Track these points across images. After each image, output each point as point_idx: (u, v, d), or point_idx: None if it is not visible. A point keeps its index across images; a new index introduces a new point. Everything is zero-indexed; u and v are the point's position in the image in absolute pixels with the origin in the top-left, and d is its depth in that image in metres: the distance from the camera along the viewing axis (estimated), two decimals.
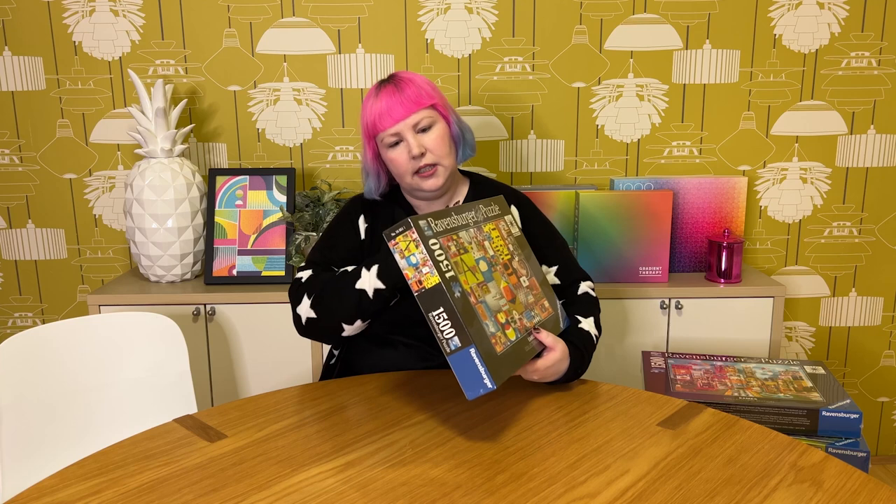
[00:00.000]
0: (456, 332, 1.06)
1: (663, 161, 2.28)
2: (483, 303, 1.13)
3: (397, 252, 1.10)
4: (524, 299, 1.24)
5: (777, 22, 2.20)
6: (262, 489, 0.98)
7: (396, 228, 1.10)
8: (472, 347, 1.05)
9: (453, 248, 1.14)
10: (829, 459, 1.05)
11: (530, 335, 1.21)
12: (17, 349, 1.45)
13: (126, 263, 2.32)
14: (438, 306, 1.07)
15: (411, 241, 1.09)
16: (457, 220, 1.20)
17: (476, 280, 1.14)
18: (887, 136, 2.27)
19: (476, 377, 1.05)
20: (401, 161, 1.40)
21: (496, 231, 1.30)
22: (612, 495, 0.96)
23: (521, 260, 1.32)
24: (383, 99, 1.39)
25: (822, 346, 2.40)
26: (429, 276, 1.08)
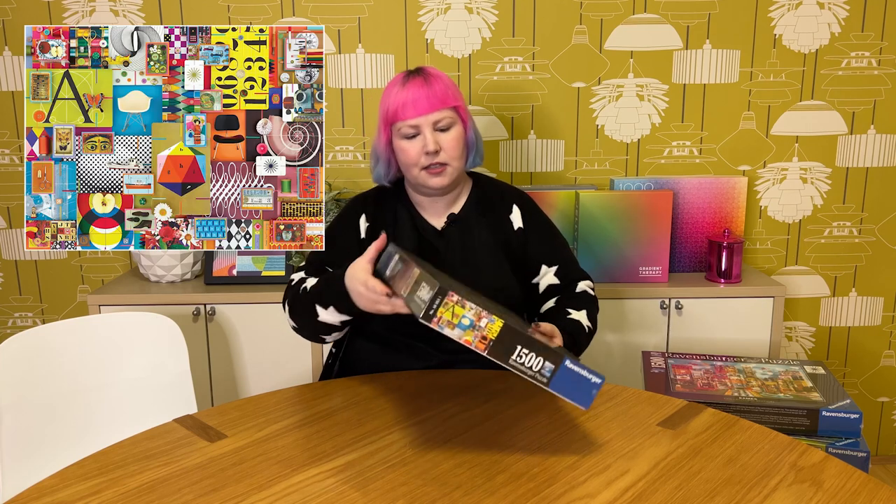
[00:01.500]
0: (544, 359, 1.00)
1: (663, 161, 2.28)
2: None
3: (445, 327, 0.98)
4: None
5: (777, 22, 2.20)
6: (262, 489, 0.98)
7: (431, 304, 0.97)
8: (567, 360, 1.00)
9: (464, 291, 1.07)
10: (829, 459, 1.05)
11: None
12: (17, 349, 1.45)
13: (126, 263, 2.32)
14: (515, 346, 0.99)
15: (455, 305, 0.98)
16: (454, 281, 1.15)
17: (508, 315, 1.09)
18: (887, 136, 2.27)
19: (583, 382, 1.00)
20: (412, 153, 1.40)
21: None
22: (612, 495, 0.96)
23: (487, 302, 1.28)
24: (411, 90, 1.39)
25: (822, 346, 2.40)
26: (490, 326, 0.98)
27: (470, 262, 1.45)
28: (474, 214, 1.50)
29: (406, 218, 1.49)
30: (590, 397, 1.01)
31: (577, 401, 1.01)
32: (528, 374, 1.00)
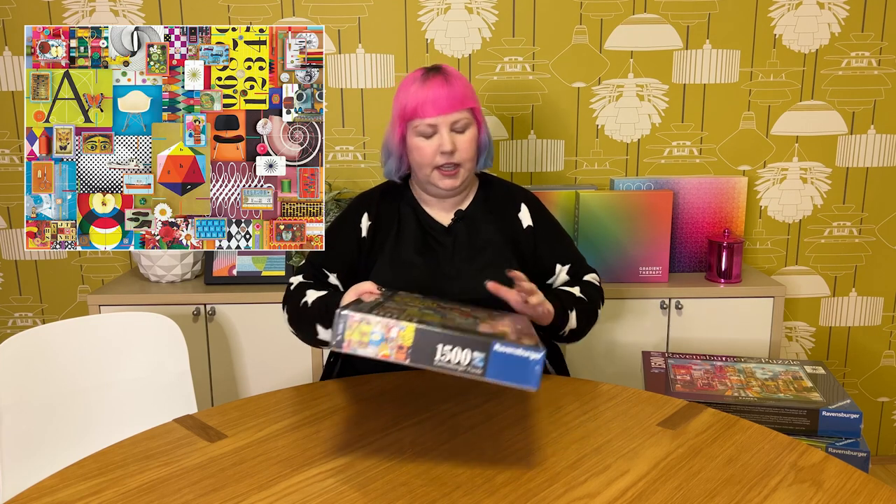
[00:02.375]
0: (471, 349, 0.95)
1: (663, 161, 2.28)
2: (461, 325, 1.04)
3: (358, 348, 0.97)
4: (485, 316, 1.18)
5: (777, 22, 2.20)
6: (262, 489, 0.98)
7: (336, 334, 0.97)
8: (496, 343, 0.94)
9: (394, 306, 1.06)
10: (829, 459, 1.05)
11: None
12: (17, 349, 1.45)
13: (126, 263, 2.32)
14: (434, 346, 0.95)
15: (360, 325, 0.97)
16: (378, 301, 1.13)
17: (438, 317, 1.06)
18: (887, 136, 2.27)
19: (521, 364, 0.93)
20: (427, 152, 1.40)
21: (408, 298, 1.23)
22: (612, 495, 0.96)
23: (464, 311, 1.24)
24: (432, 88, 1.38)
25: (822, 346, 2.40)
26: (403, 333, 0.96)
27: (476, 259, 1.45)
28: (482, 212, 1.51)
29: (410, 216, 1.49)
30: (534, 375, 0.93)
31: (522, 383, 0.94)
32: (461, 371, 0.95)
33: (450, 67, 1.44)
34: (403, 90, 1.42)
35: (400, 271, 1.43)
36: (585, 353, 2.04)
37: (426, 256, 1.45)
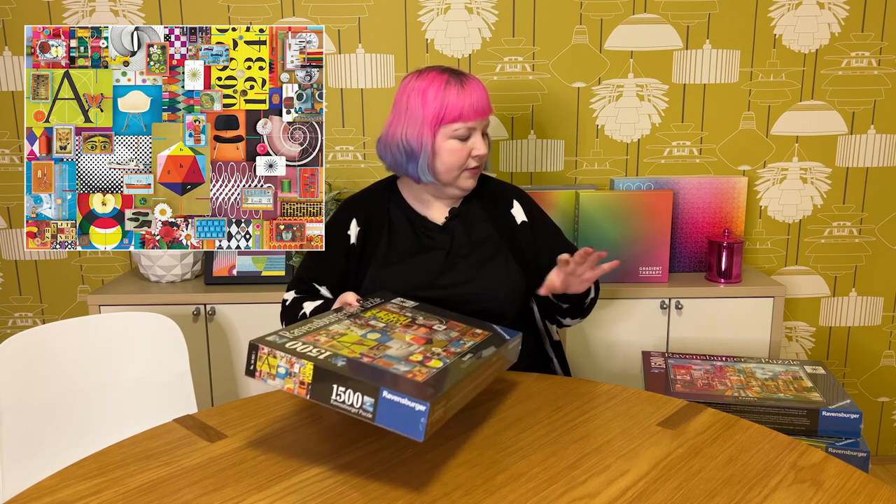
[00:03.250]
0: (361, 393, 0.93)
1: (663, 161, 2.28)
2: (385, 357, 1.03)
3: (268, 379, 1.00)
4: (445, 337, 1.17)
5: (777, 22, 2.20)
6: (262, 489, 0.98)
7: (248, 364, 1.01)
8: (384, 390, 0.92)
9: (323, 339, 1.06)
10: (829, 459, 1.05)
11: (466, 356, 1.11)
12: (17, 349, 1.45)
13: (126, 263, 2.32)
14: (330, 385, 0.95)
15: (269, 357, 1.00)
16: (320, 322, 1.14)
17: (367, 346, 1.06)
18: (887, 136, 2.27)
19: (408, 414, 0.91)
20: (462, 155, 1.41)
21: (382, 312, 1.24)
22: (612, 495, 0.96)
23: (429, 316, 1.26)
24: (473, 92, 1.39)
25: (822, 346, 2.40)
26: (304, 370, 0.97)
27: (473, 255, 1.46)
28: (476, 209, 1.51)
29: (401, 218, 1.49)
30: (419, 427, 0.91)
31: (408, 432, 0.92)
32: (353, 413, 0.94)
33: (464, 70, 1.47)
34: (438, 95, 1.38)
35: (397, 273, 1.43)
36: (585, 353, 2.04)
37: (423, 256, 1.45)
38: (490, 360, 1.14)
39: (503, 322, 1.44)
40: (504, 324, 1.44)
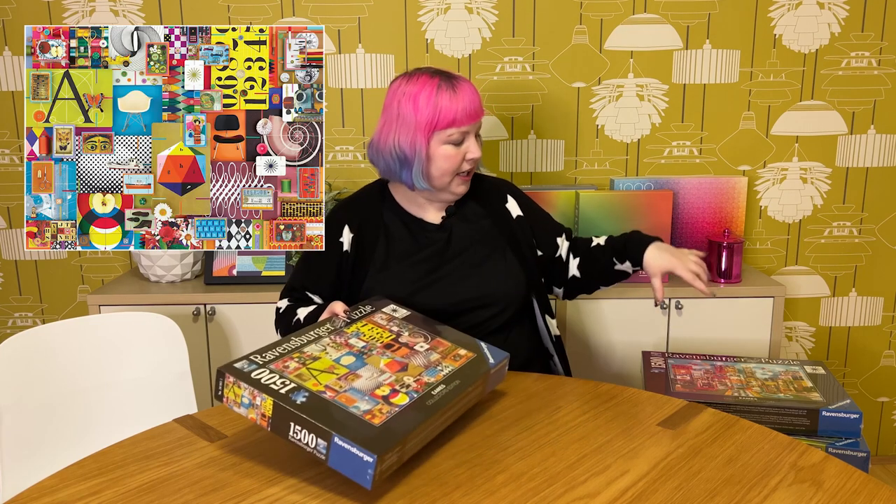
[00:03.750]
0: (315, 435, 0.94)
1: (663, 161, 2.28)
2: (350, 390, 1.04)
3: (234, 406, 1.02)
4: (423, 361, 1.16)
5: (777, 22, 2.20)
6: (262, 489, 0.98)
7: (217, 390, 1.03)
8: (335, 437, 0.93)
9: (293, 365, 1.07)
10: (829, 459, 1.05)
11: (437, 388, 1.10)
12: (17, 349, 1.45)
13: (126, 263, 2.32)
14: (288, 423, 0.96)
15: (233, 386, 1.01)
16: (300, 340, 1.13)
17: (335, 375, 1.06)
18: (887, 136, 2.27)
19: (355, 460, 0.92)
20: (457, 160, 1.40)
21: (369, 325, 1.23)
22: (612, 495, 0.96)
23: (415, 331, 1.25)
24: (466, 96, 1.38)
25: (822, 346, 2.40)
26: (265, 404, 0.99)
27: (472, 253, 1.45)
28: (472, 206, 1.51)
29: (396, 222, 1.48)
30: (367, 476, 0.91)
31: (357, 479, 0.92)
32: (308, 451, 0.95)
33: (453, 72, 1.44)
34: (430, 100, 1.36)
35: (396, 275, 1.42)
36: (585, 353, 2.04)
37: (421, 256, 1.45)
38: (465, 392, 1.12)
39: (504, 316, 1.44)
40: (505, 318, 1.44)
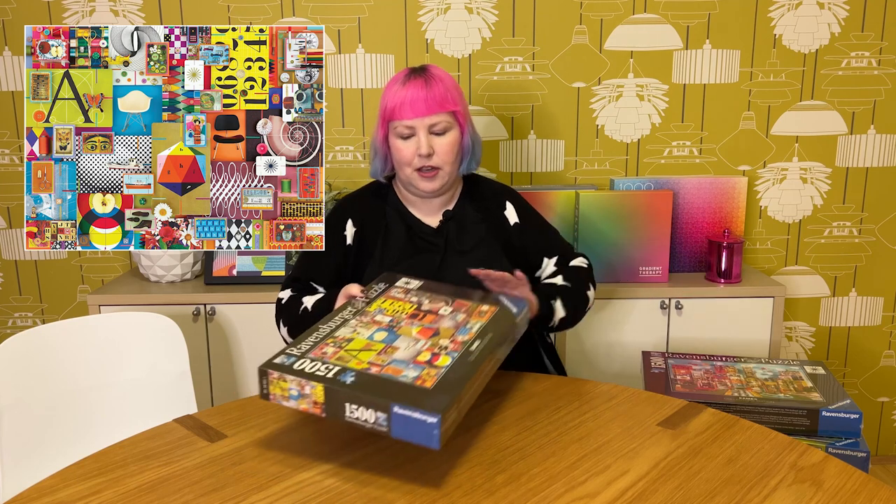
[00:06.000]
0: (374, 409, 0.96)
1: (663, 161, 2.28)
2: (393, 362, 1.05)
3: (282, 401, 1.02)
4: (451, 323, 1.18)
5: (777, 22, 2.20)
6: (262, 489, 0.98)
7: (261, 389, 1.03)
8: (395, 406, 0.95)
9: (331, 350, 1.08)
10: (829, 459, 1.05)
11: (474, 344, 1.12)
12: (17, 349, 1.45)
13: (126, 263, 2.32)
14: (343, 404, 0.98)
15: (279, 381, 1.02)
16: (328, 327, 1.14)
17: (374, 351, 1.08)
18: (887, 136, 2.27)
19: (419, 424, 0.94)
20: (406, 154, 1.40)
21: (388, 301, 1.24)
22: (612, 495, 0.96)
23: (434, 297, 1.26)
24: (410, 90, 1.38)
25: (822, 346, 2.40)
26: (315, 391, 1.00)
27: (467, 258, 1.45)
28: (470, 211, 1.51)
29: (396, 219, 1.49)
30: (434, 437, 0.94)
31: (424, 442, 0.95)
32: (369, 427, 0.97)
33: (435, 68, 1.44)
34: (386, 90, 1.42)
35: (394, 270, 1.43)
36: (585, 353, 2.04)
37: (418, 258, 1.45)
38: (499, 342, 1.15)
39: None
40: None
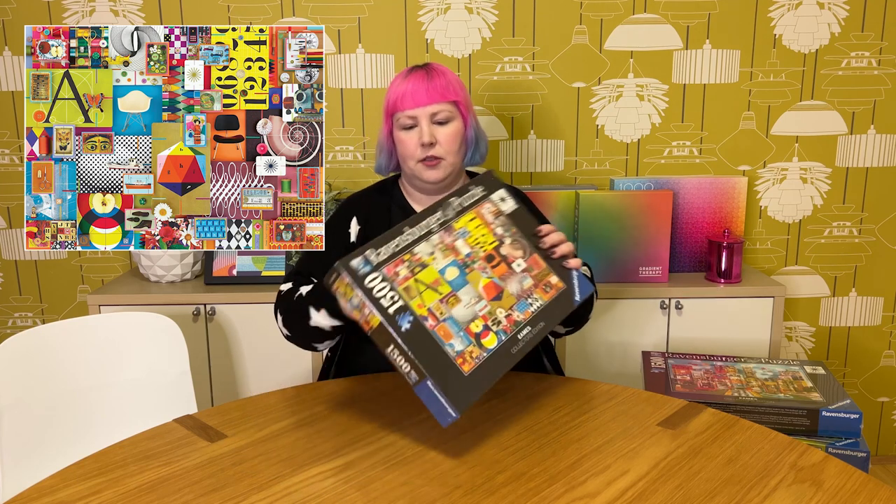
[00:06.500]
0: (411, 367, 1.03)
1: (663, 161, 2.28)
2: (448, 320, 1.08)
3: (340, 297, 1.09)
4: (516, 288, 1.17)
5: (777, 22, 2.20)
6: (262, 489, 0.98)
7: (331, 275, 1.09)
8: (428, 380, 1.02)
9: (403, 272, 1.09)
10: (829, 459, 1.05)
11: (524, 330, 1.14)
12: (17, 349, 1.45)
13: (126, 263, 2.32)
14: (388, 343, 1.05)
15: (346, 286, 1.07)
16: (412, 235, 1.15)
17: (438, 296, 1.09)
18: (887, 136, 2.27)
19: (440, 407, 1.02)
20: (409, 145, 1.42)
21: (476, 220, 1.22)
22: (612, 495, 0.96)
23: (515, 240, 1.23)
24: (411, 81, 1.41)
25: (822, 346, 2.40)
26: (371, 317, 1.06)
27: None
28: None
29: (401, 216, 1.49)
30: (445, 421, 1.02)
31: (437, 417, 1.03)
32: (401, 373, 1.05)
33: (437, 64, 1.46)
34: (390, 86, 1.46)
35: None
36: (585, 353, 2.04)
37: None
38: (544, 331, 1.17)
39: None
40: None
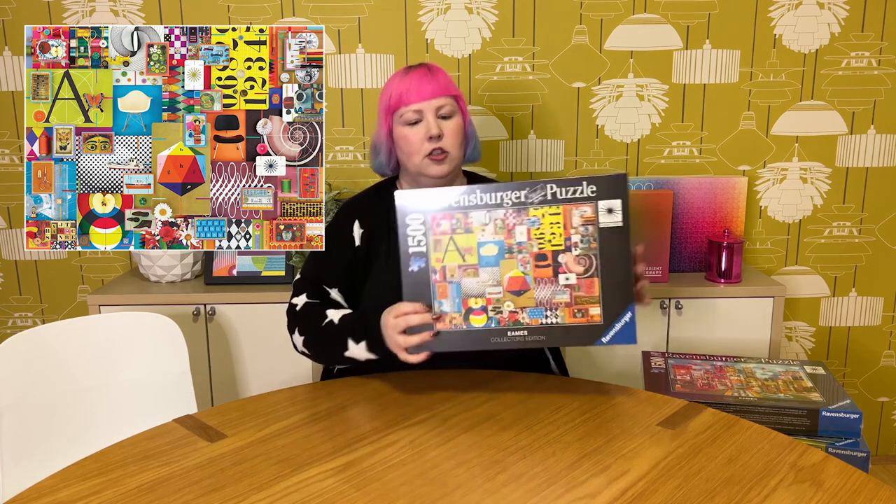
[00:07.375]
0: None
1: (663, 161, 2.28)
2: (454, 283, 1.12)
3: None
4: (544, 295, 1.14)
5: (777, 22, 2.20)
6: (262, 489, 0.98)
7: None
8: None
9: (445, 226, 1.14)
10: (829, 459, 1.05)
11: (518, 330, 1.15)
12: (17, 349, 1.45)
13: (126, 263, 2.32)
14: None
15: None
16: (483, 198, 1.16)
17: (459, 261, 1.14)
18: (887, 136, 2.27)
19: None
20: (415, 140, 1.41)
21: (558, 216, 1.15)
22: (612, 495, 0.96)
23: (585, 256, 1.16)
24: (413, 77, 1.41)
25: (822, 346, 2.40)
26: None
27: None
28: None
29: None
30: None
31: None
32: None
33: (432, 62, 1.46)
34: (387, 85, 1.45)
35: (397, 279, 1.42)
36: (585, 353, 2.04)
37: None
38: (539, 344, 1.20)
39: None
40: None
